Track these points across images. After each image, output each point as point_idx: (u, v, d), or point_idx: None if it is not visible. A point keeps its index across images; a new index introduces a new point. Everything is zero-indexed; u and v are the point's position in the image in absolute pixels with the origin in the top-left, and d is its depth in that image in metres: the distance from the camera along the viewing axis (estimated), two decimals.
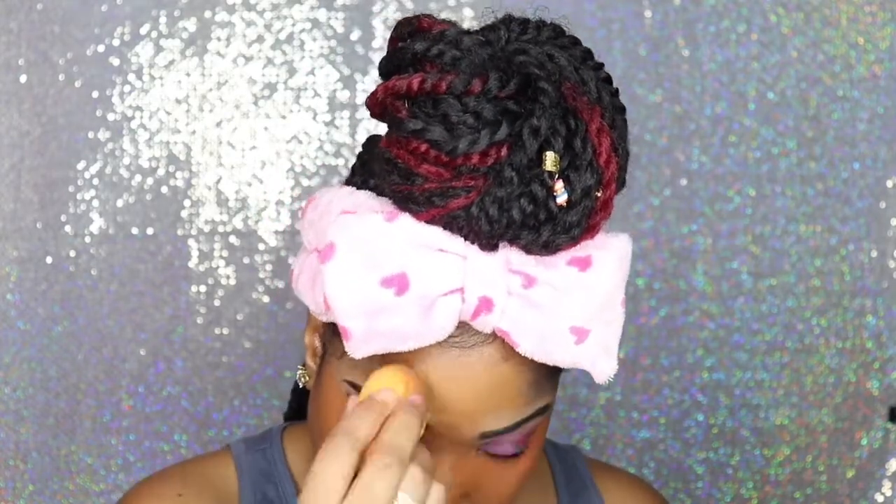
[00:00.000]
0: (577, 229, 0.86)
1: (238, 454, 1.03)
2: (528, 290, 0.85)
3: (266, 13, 1.69)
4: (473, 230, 0.85)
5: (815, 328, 1.74)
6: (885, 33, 1.74)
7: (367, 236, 0.85)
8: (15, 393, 1.68)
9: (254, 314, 1.69)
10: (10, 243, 1.68)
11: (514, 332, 0.86)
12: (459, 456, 0.89)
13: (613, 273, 0.88)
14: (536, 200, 0.84)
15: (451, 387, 0.87)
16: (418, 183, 0.85)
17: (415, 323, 0.85)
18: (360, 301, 0.84)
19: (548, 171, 0.84)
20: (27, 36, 1.68)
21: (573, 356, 0.87)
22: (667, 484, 1.73)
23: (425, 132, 0.84)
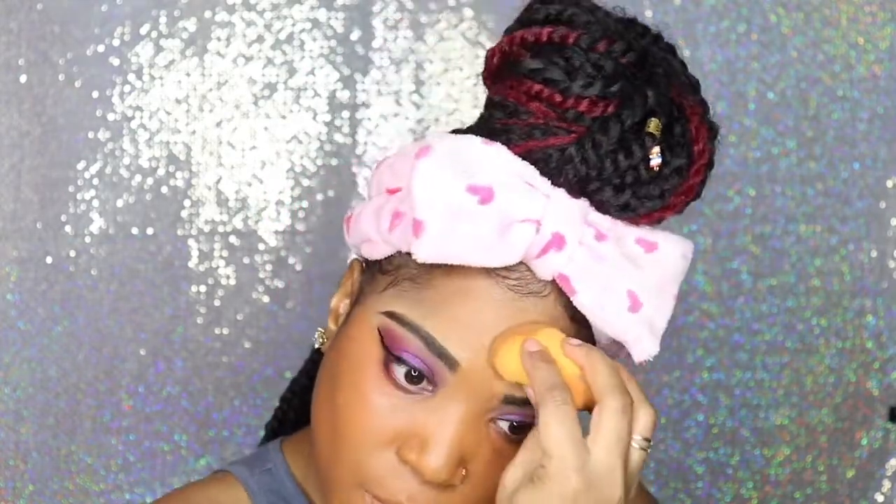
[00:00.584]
0: (658, 200, 0.88)
1: (243, 477, 1.00)
2: (598, 242, 0.87)
3: (266, 13, 1.69)
4: (564, 172, 0.87)
5: (815, 328, 1.74)
6: (885, 33, 1.74)
7: (462, 148, 0.87)
8: (15, 393, 1.68)
9: (254, 314, 1.69)
10: (10, 243, 1.68)
11: (576, 278, 0.87)
12: (473, 416, 0.88)
13: (674, 264, 0.89)
14: (632, 157, 0.87)
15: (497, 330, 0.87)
16: (522, 118, 0.88)
17: (489, 237, 0.85)
18: (444, 198, 0.85)
19: (649, 132, 0.87)
20: (27, 36, 1.68)
21: (623, 322, 0.88)
22: (667, 484, 1.73)
23: (544, 71, 0.87)
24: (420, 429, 0.88)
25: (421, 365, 0.88)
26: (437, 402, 0.88)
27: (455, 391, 0.88)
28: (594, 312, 0.88)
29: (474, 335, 0.87)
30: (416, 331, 0.88)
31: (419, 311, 0.88)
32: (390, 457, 0.89)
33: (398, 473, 0.89)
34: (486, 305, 0.88)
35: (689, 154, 0.89)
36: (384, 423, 0.89)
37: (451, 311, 0.88)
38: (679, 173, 0.89)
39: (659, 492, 1.73)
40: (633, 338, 0.89)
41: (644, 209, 0.88)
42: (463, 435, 0.88)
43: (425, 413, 0.88)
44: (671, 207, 0.90)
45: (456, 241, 0.85)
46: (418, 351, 0.88)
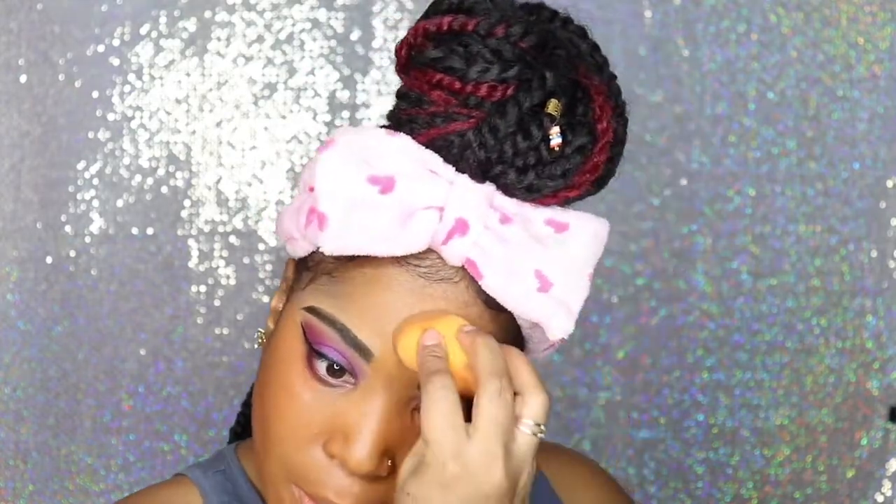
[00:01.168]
0: (561, 180, 0.88)
1: (197, 479, 1.01)
2: (503, 225, 0.87)
3: (266, 13, 1.70)
4: (466, 157, 0.88)
5: (815, 328, 1.74)
6: (885, 33, 1.74)
7: (365, 142, 0.88)
8: (15, 393, 1.68)
9: (254, 314, 1.69)
10: (10, 243, 1.68)
11: (482, 262, 0.87)
12: (395, 405, 0.88)
13: (587, 245, 0.89)
14: (531, 138, 0.87)
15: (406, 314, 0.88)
16: (425, 107, 0.89)
17: (391, 227, 0.86)
18: (345, 189, 0.86)
19: (548, 113, 0.87)
20: (27, 36, 1.68)
21: (533, 303, 0.87)
22: (667, 484, 1.73)
23: (444, 60, 0.88)
24: (343, 422, 0.88)
25: (340, 358, 0.88)
26: (359, 395, 0.88)
27: (374, 382, 0.88)
28: (503, 295, 0.87)
29: (386, 324, 0.88)
30: (333, 323, 0.88)
31: (335, 304, 0.89)
32: (317, 452, 0.89)
33: (325, 468, 0.89)
34: (396, 294, 0.88)
35: (592, 133, 0.89)
36: (309, 417, 0.89)
37: (364, 301, 0.88)
38: (581, 152, 0.89)
39: (659, 492, 1.73)
40: (545, 317, 0.88)
41: (548, 189, 0.88)
42: (386, 425, 0.88)
43: (348, 406, 0.88)
44: (576, 186, 0.89)
45: (358, 231, 0.86)
46: (336, 344, 0.88)
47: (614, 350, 1.72)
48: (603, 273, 1.71)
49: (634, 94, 1.71)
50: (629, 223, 1.72)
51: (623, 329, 1.72)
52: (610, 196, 1.72)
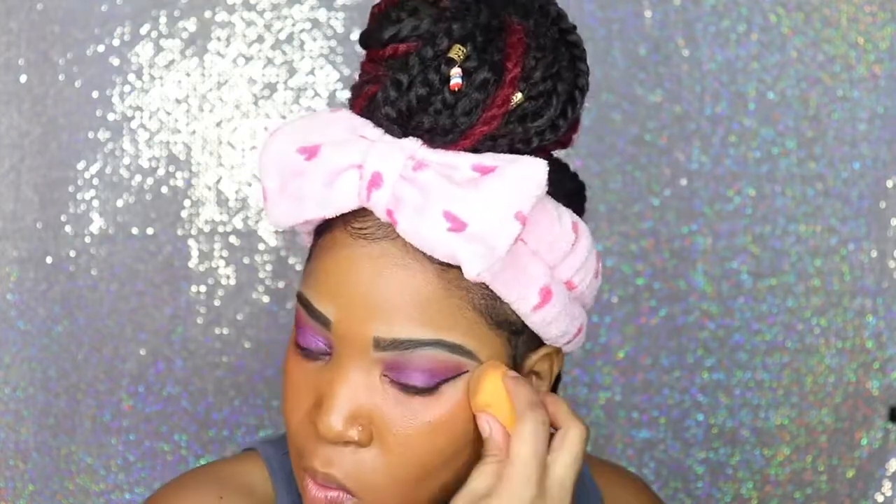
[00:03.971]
0: (467, 117, 0.90)
1: (268, 457, 1.03)
2: (415, 172, 0.89)
3: (266, 13, 1.70)
4: (378, 116, 0.91)
5: (815, 328, 1.74)
6: (885, 33, 1.74)
7: (304, 121, 0.93)
8: (15, 393, 1.68)
9: (254, 314, 1.69)
10: (10, 243, 1.68)
11: (397, 209, 0.89)
12: (359, 371, 0.91)
13: (511, 184, 0.89)
14: (431, 85, 0.89)
15: (351, 277, 0.91)
16: (359, 78, 0.95)
17: (318, 189, 0.90)
18: (277, 162, 0.91)
19: (448, 58, 0.89)
20: (27, 36, 1.68)
21: (443, 242, 0.89)
22: (667, 484, 1.73)
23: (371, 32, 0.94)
24: (320, 391, 0.92)
25: (313, 334, 0.92)
26: (332, 363, 0.92)
27: (339, 348, 0.92)
28: (414, 237, 0.89)
29: (337, 288, 0.91)
30: (301, 299, 0.93)
31: (305, 282, 0.94)
32: (308, 426, 0.93)
33: (313, 439, 0.92)
34: (341, 258, 0.91)
35: (497, 68, 0.90)
36: (300, 395, 0.93)
37: (319, 271, 0.93)
38: (483, 87, 0.90)
39: (659, 492, 1.73)
40: (459, 256, 0.89)
41: (458, 129, 0.90)
42: (350, 390, 0.91)
43: (324, 375, 0.92)
44: (487, 122, 0.90)
45: (290, 199, 0.91)
46: (307, 320, 0.93)
47: (614, 350, 1.72)
48: (603, 273, 1.71)
49: (634, 94, 1.71)
50: (629, 223, 1.72)
51: (623, 329, 1.72)
52: (610, 196, 1.72)
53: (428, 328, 0.90)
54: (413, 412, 0.91)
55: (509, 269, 0.91)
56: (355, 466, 0.91)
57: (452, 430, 0.93)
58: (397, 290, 0.90)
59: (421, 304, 0.90)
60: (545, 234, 0.93)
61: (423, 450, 0.92)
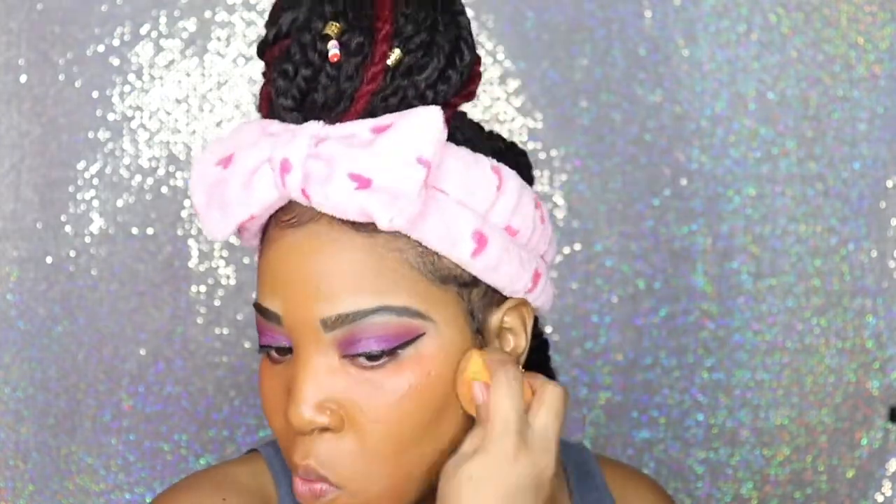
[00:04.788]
0: (351, 82, 0.92)
1: (270, 458, 1.04)
2: (318, 147, 0.92)
3: (266, 13, 1.69)
4: (276, 109, 0.94)
5: (815, 328, 1.74)
6: (885, 33, 1.74)
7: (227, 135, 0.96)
8: (15, 393, 1.68)
9: (253, 314, 1.69)
10: (10, 243, 1.68)
11: (308, 186, 0.91)
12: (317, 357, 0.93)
13: (409, 133, 0.91)
14: (313, 64, 0.92)
15: (287, 266, 0.93)
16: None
17: (238, 191, 0.93)
18: (201, 179, 0.95)
19: (323, 34, 0.92)
20: (27, 36, 1.68)
21: (352, 202, 0.91)
22: (667, 484, 1.73)
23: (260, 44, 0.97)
24: (289, 388, 0.94)
25: (272, 335, 0.95)
26: (293, 360, 0.94)
27: (295, 341, 0.93)
28: (327, 205, 0.92)
29: (278, 281, 0.94)
30: (255, 306, 0.96)
31: (256, 291, 0.97)
32: (286, 425, 0.95)
33: (290, 436, 0.94)
34: (276, 252, 0.94)
35: (369, 30, 0.93)
36: (274, 398, 0.95)
37: (261, 272, 0.96)
38: (360, 49, 0.92)
39: None
40: (369, 210, 0.91)
41: (348, 96, 0.93)
42: (314, 376, 0.92)
43: (289, 372, 0.94)
44: (372, 80, 0.92)
45: (218, 207, 0.94)
46: (263, 325, 0.96)
47: (614, 350, 1.72)
48: (603, 273, 1.72)
49: (634, 94, 1.71)
50: (629, 223, 1.72)
51: (623, 329, 1.72)
52: (610, 196, 1.72)
53: (368, 296, 0.92)
54: (378, 385, 0.92)
55: (437, 221, 0.93)
56: (330, 454, 0.92)
57: (422, 397, 0.93)
58: (330, 266, 0.92)
59: (357, 274, 0.92)
60: (463, 180, 0.95)
61: (396, 421, 0.92)
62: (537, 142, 1.69)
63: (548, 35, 1.67)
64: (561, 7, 1.67)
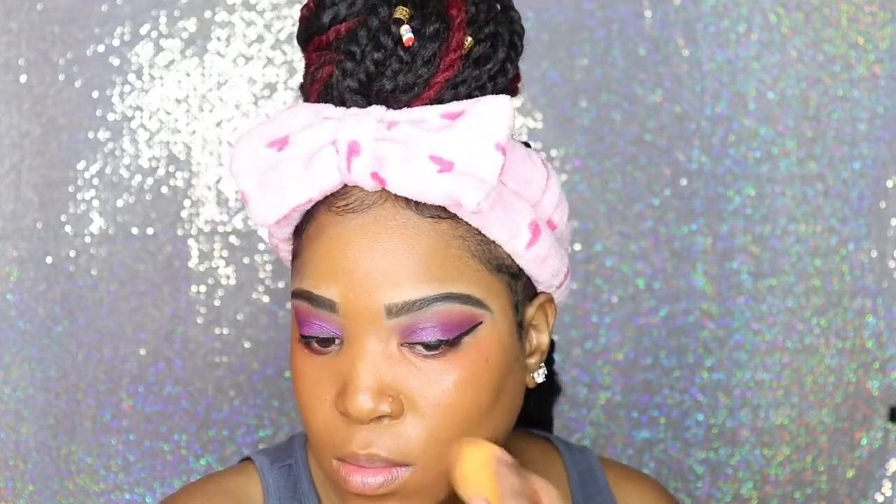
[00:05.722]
0: (427, 68, 0.92)
1: (263, 469, 1.03)
2: (391, 130, 0.91)
3: (266, 13, 1.70)
4: (341, 92, 0.93)
5: (815, 328, 1.74)
6: (885, 33, 1.74)
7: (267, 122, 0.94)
8: (15, 393, 1.68)
9: (254, 314, 1.69)
10: (10, 243, 1.68)
11: (382, 169, 0.91)
12: (376, 345, 0.92)
13: (484, 119, 0.91)
14: (385, 48, 0.92)
15: (348, 252, 0.92)
16: (307, 70, 0.96)
17: (297, 174, 0.92)
18: (250, 161, 0.93)
19: (395, 18, 0.92)
20: (27, 36, 1.68)
21: (437, 185, 0.90)
22: (667, 484, 1.73)
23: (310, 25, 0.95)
24: (341, 377, 0.93)
25: (315, 327, 0.94)
26: (345, 348, 0.93)
27: (350, 329, 0.92)
28: (407, 188, 0.91)
29: (336, 270, 0.92)
30: (300, 294, 0.94)
31: (299, 277, 0.95)
32: (335, 416, 0.93)
33: (343, 427, 0.93)
34: (334, 238, 0.93)
35: (443, 17, 0.93)
36: (319, 388, 0.94)
37: (313, 259, 0.93)
38: (436, 37, 0.92)
39: None
40: (455, 193, 0.90)
41: (422, 81, 0.92)
42: (371, 366, 0.91)
43: (340, 361, 0.93)
44: (446, 69, 0.92)
45: (273, 191, 0.92)
46: (310, 313, 0.94)
47: (614, 350, 1.72)
48: (603, 273, 1.72)
49: (634, 94, 1.71)
50: (629, 223, 1.72)
51: (623, 329, 1.72)
52: (610, 196, 1.72)
53: (434, 283, 0.91)
54: (437, 373, 0.92)
55: (498, 211, 0.93)
56: (396, 439, 0.92)
57: (480, 383, 0.93)
58: (397, 252, 0.91)
59: (423, 261, 0.91)
60: (521, 172, 0.96)
61: (458, 406, 0.92)
62: (537, 142, 1.69)
63: (548, 35, 1.67)
64: (561, 7, 1.67)
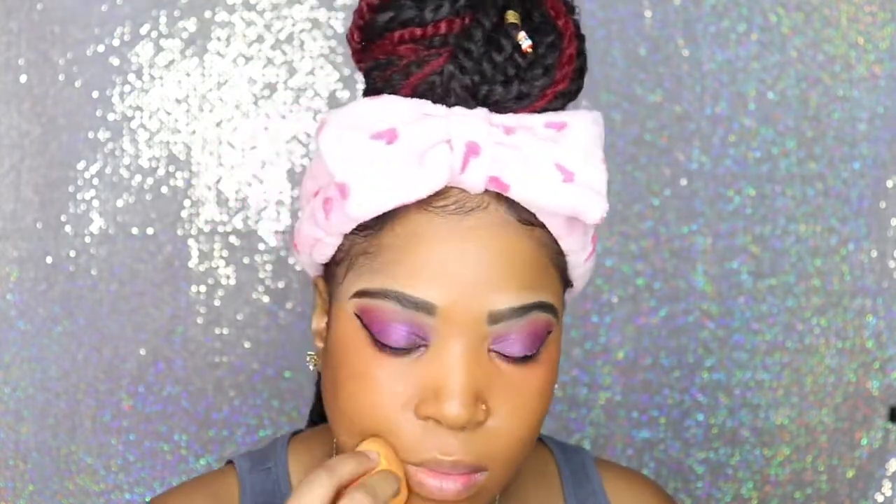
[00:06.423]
0: (545, 78, 0.91)
1: (242, 473, 1.02)
2: (509, 136, 0.90)
3: (266, 13, 1.70)
4: (451, 90, 0.91)
5: (815, 328, 1.74)
6: (885, 33, 1.74)
7: (354, 110, 0.91)
8: (15, 393, 1.68)
9: (254, 314, 1.69)
10: (10, 243, 1.68)
11: (504, 174, 0.89)
12: (471, 351, 0.90)
13: (589, 133, 0.91)
14: (504, 50, 0.90)
15: (456, 256, 0.89)
16: (396, 63, 0.92)
17: (408, 171, 0.89)
18: (354, 153, 0.89)
19: (511, 23, 0.90)
20: (27, 36, 1.68)
21: (562, 195, 0.90)
22: (667, 484, 1.73)
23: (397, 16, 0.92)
24: (428, 383, 0.90)
25: (401, 329, 0.90)
26: (434, 352, 0.90)
27: (445, 333, 0.90)
28: (533, 197, 0.90)
29: (438, 272, 0.89)
30: (386, 295, 0.90)
31: (381, 277, 0.90)
32: (411, 420, 0.91)
33: (424, 432, 0.91)
34: (437, 240, 0.90)
35: (556, 29, 0.92)
36: (394, 391, 0.91)
37: (409, 260, 0.90)
38: (554, 47, 0.92)
39: None
40: (580, 204, 0.90)
41: (536, 90, 0.92)
42: (469, 372, 0.90)
43: (427, 366, 0.90)
44: (561, 81, 0.92)
45: (380, 187, 0.89)
46: (396, 314, 0.90)
47: (614, 350, 1.72)
48: (603, 273, 1.72)
49: (634, 94, 1.71)
50: (629, 223, 1.72)
51: (623, 329, 1.72)
52: (610, 196, 1.72)
53: (532, 291, 0.91)
54: (523, 379, 0.91)
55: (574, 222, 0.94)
56: (479, 445, 0.91)
57: (550, 390, 0.94)
58: (502, 257, 0.90)
59: (524, 268, 0.90)
60: None
61: (535, 413, 0.92)
62: None
63: None
64: None
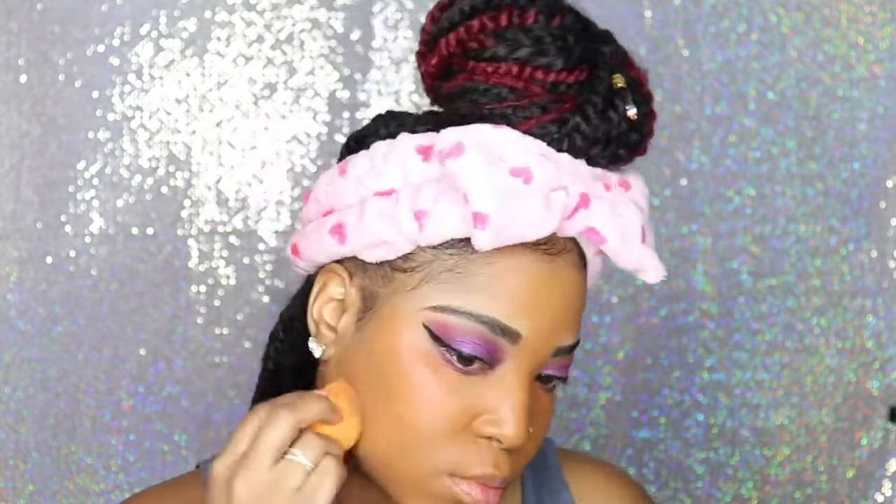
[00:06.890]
0: (639, 146, 0.98)
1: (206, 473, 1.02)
2: (608, 193, 0.96)
3: (266, 13, 1.69)
4: (570, 139, 0.95)
5: (815, 328, 1.74)
6: (885, 33, 1.74)
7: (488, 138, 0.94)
8: (15, 393, 1.68)
9: (254, 314, 1.69)
10: (10, 243, 1.68)
11: (603, 228, 0.96)
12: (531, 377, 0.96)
13: (644, 192, 0.99)
14: (619, 113, 0.95)
15: (546, 294, 0.95)
16: (511, 99, 0.96)
17: (538, 211, 0.94)
18: (495, 187, 0.93)
19: (621, 87, 0.96)
20: (27, 36, 1.68)
21: (639, 254, 0.97)
22: (667, 484, 1.73)
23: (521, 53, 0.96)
24: (489, 403, 0.95)
25: (479, 349, 0.94)
26: (499, 374, 0.95)
27: (516, 360, 0.95)
28: (620, 253, 0.97)
29: (531, 306, 0.95)
30: (475, 317, 0.94)
31: (471, 299, 0.94)
32: (468, 436, 0.95)
33: (479, 448, 0.95)
34: (532, 275, 0.95)
35: (645, 98, 0.99)
36: (454, 406, 0.95)
37: (504, 289, 0.94)
38: (649, 117, 0.98)
39: (659, 492, 1.73)
40: (649, 265, 0.98)
41: (628, 157, 0.98)
42: (528, 398, 0.95)
43: (489, 387, 0.95)
44: (645, 149, 0.99)
45: (515, 223, 0.93)
46: (478, 335, 0.94)
47: (614, 350, 1.72)
48: (603, 273, 1.71)
49: None
50: None
51: (623, 329, 1.72)
52: None
53: (578, 331, 0.99)
54: (548, 402, 0.98)
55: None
56: (513, 462, 0.96)
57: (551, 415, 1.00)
58: (574, 298, 0.97)
59: (581, 307, 0.98)
60: None
61: (544, 434, 0.99)
62: None
63: None
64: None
